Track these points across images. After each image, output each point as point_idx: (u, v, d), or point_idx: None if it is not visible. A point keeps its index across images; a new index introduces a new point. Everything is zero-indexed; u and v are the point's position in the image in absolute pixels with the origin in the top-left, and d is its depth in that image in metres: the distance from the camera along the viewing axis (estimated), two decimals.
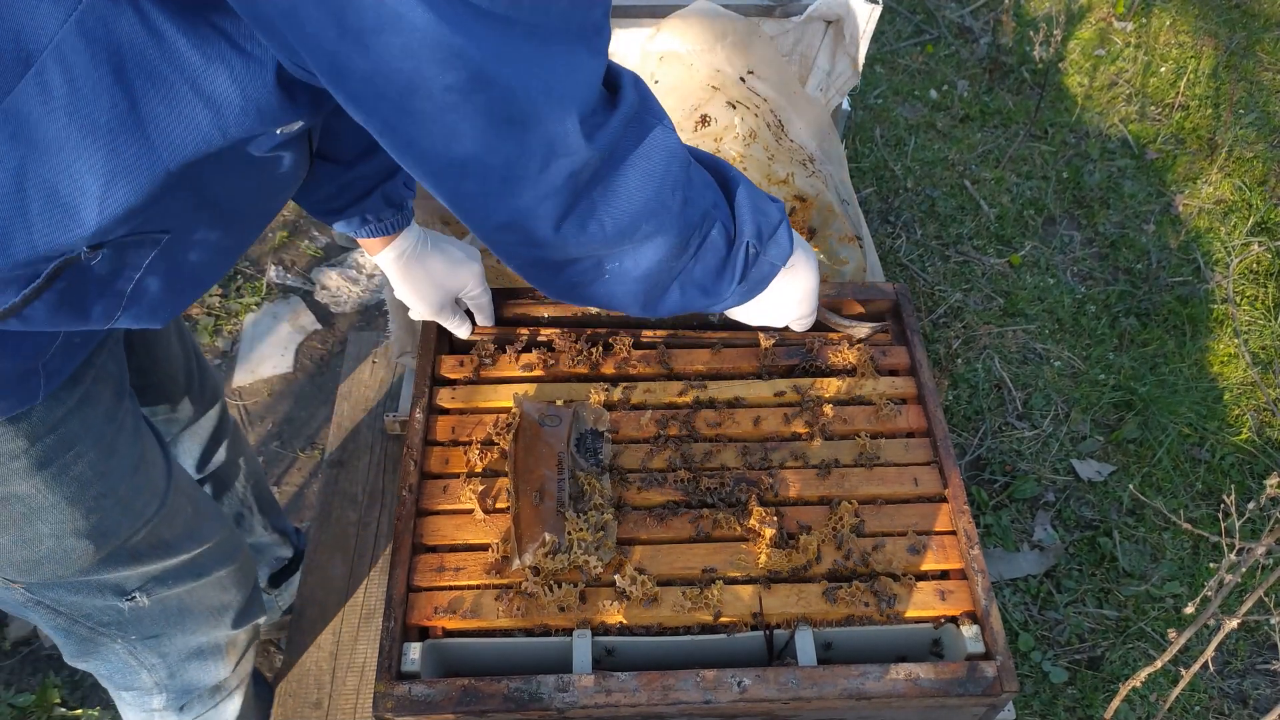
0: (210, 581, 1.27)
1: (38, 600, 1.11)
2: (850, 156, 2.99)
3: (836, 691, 1.11)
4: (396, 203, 1.25)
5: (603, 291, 0.95)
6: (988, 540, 2.16)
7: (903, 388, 1.43)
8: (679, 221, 0.92)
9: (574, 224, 0.83)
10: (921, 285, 2.67)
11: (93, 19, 0.69)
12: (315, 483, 2.20)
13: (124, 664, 1.26)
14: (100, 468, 1.03)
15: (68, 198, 0.76)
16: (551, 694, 1.10)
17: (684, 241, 0.95)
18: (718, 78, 1.52)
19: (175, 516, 1.17)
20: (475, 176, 0.77)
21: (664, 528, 1.27)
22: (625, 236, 0.88)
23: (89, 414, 1.01)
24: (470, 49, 0.67)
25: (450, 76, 0.68)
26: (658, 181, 0.87)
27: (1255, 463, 2.29)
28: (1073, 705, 1.93)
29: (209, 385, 1.51)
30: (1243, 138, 3.07)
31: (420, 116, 0.71)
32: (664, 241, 0.92)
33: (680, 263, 0.97)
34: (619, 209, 0.85)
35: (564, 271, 0.91)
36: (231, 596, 1.32)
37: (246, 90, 0.77)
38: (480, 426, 1.37)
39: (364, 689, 1.55)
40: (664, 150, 0.87)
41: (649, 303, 0.99)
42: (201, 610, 1.28)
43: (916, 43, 3.45)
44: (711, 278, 1.02)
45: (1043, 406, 2.40)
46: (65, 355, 0.95)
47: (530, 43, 0.70)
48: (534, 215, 0.81)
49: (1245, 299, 2.65)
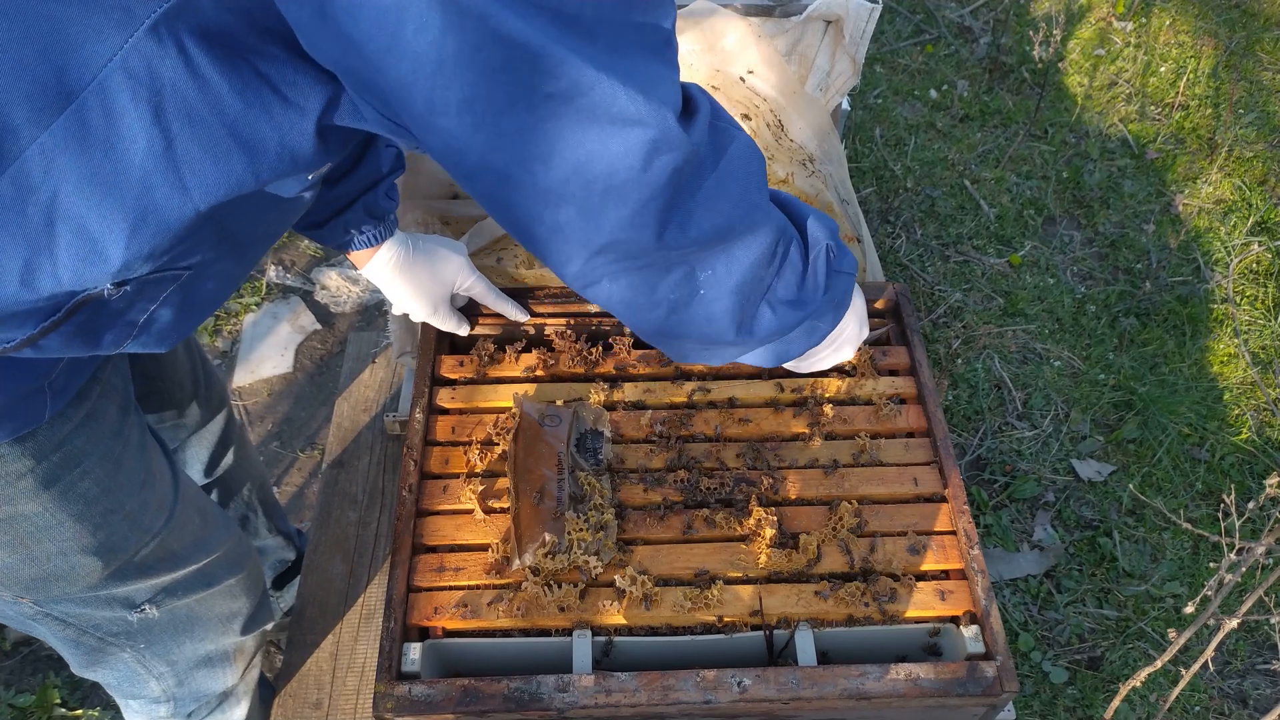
0: (220, 590, 1.26)
1: (46, 613, 1.11)
2: (850, 156, 2.99)
3: (836, 691, 1.11)
4: (379, 215, 1.24)
5: (701, 314, 0.92)
6: (988, 540, 2.16)
7: (903, 388, 1.43)
8: (768, 219, 0.91)
9: (676, 227, 0.81)
10: (921, 285, 2.67)
11: (137, 58, 0.70)
12: (315, 483, 2.20)
13: (132, 673, 1.26)
14: (107, 484, 1.03)
15: (96, 234, 0.76)
16: (551, 694, 1.10)
17: (773, 244, 0.93)
18: (718, 78, 1.52)
19: (183, 528, 1.17)
20: (574, 198, 0.76)
21: (664, 528, 1.27)
22: (721, 236, 0.86)
23: (95, 430, 1.01)
24: (565, 55, 0.68)
25: (551, 85, 0.69)
26: (743, 179, 0.86)
27: (1255, 463, 2.29)
28: (1073, 705, 1.93)
29: (215, 390, 1.51)
30: (1243, 137, 3.07)
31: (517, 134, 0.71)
32: (755, 241, 0.90)
33: (769, 272, 0.94)
34: (716, 208, 0.84)
35: (657, 290, 0.88)
36: (241, 604, 1.32)
37: (285, 138, 0.77)
38: (480, 426, 1.37)
39: (364, 689, 1.55)
40: (746, 149, 0.87)
41: (744, 322, 0.95)
42: (211, 618, 1.28)
43: (916, 43, 3.44)
44: (795, 290, 0.99)
45: (1043, 406, 2.40)
46: (71, 374, 0.95)
47: (618, 50, 0.71)
48: (637, 224, 0.79)
49: (1245, 299, 2.65)
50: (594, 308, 1.50)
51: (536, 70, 0.68)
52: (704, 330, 0.94)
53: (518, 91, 0.69)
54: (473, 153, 0.73)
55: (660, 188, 0.77)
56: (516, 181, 0.74)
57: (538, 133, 0.71)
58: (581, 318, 1.50)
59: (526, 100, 0.69)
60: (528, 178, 0.74)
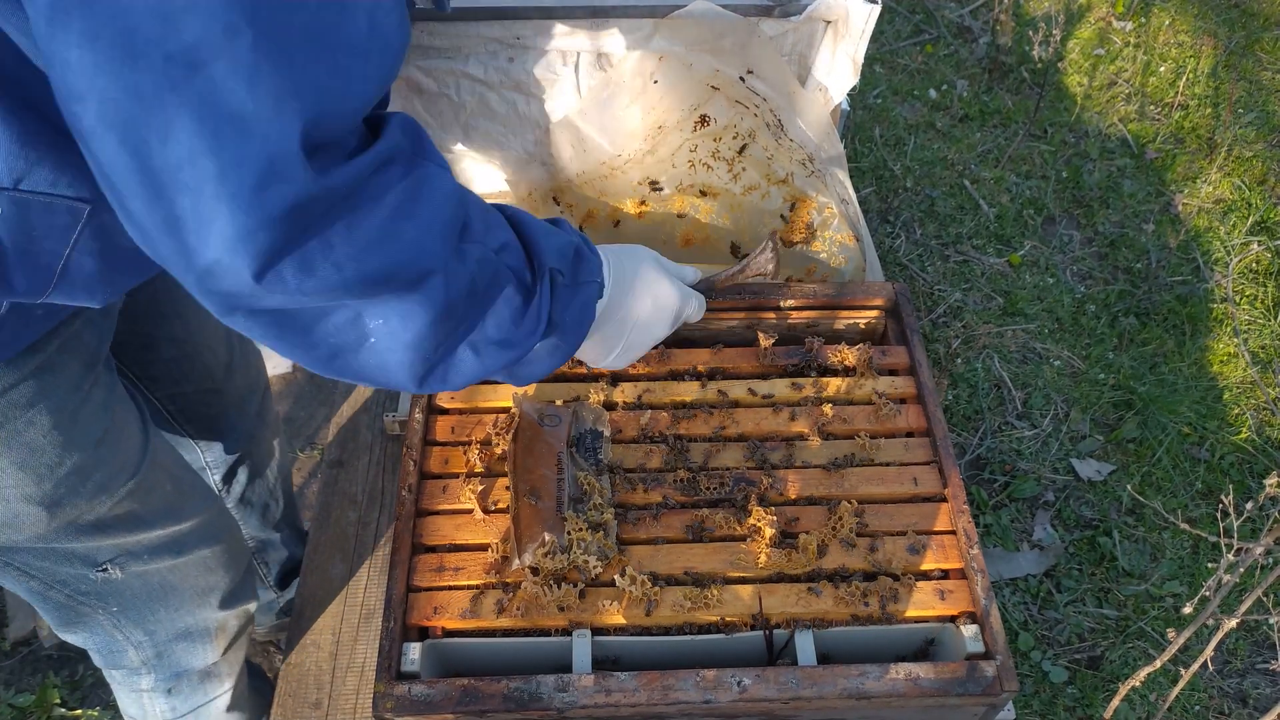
0: (193, 560, 1.26)
1: (6, 563, 1.12)
2: (850, 156, 2.98)
3: (836, 691, 1.11)
4: None
5: (373, 363, 0.83)
6: (987, 540, 2.16)
7: (902, 387, 1.43)
8: (453, 269, 0.83)
9: (295, 265, 0.70)
10: (921, 285, 2.67)
11: None
12: (315, 483, 2.20)
13: (109, 639, 1.27)
14: (57, 436, 1.02)
15: None
16: (551, 694, 1.10)
17: (463, 294, 0.85)
18: (717, 78, 1.52)
19: (150, 493, 1.16)
20: (190, 187, 0.65)
21: (664, 528, 1.27)
22: (378, 284, 0.77)
23: (48, 382, 1.00)
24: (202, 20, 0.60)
25: (172, 43, 0.60)
26: (423, 225, 0.79)
27: (1255, 462, 2.29)
28: (1073, 705, 1.93)
29: (253, 361, 1.51)
30: (1242, 137, 3.07)
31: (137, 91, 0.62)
32: (435, 294, 0.81)
33: (462, 324, 0.87)
34: (366, 251, 0.74)
35: (314, 332, 0.79)
36: (218, 578, 1.32)
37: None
38: (480, 426, 1.37)
39: (364, 689, 1.55)
40: (436, 193, 0.80)
41: (430, 373, 0.87)
42: (186, 589, 1.28)
43: (916, 42, 3.45)
44: (510, 327, 0.91)
45: (1042, 406, 2.40)
46: (19, 328, 0.93)
47: (263, 45, 0.63)
48: (243, 249, 0.67)
49: (1245, 298, 2.65)
50: None
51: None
52: (379, 378, 0.86)
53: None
54: (91, 100, 0.63)
55: (273, 219, 0.67)
56: (132, 148, 0.64)
57: (154, 99, 0.62)
58: None
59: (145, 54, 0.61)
60: (142, 149, 0.64)
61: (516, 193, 1.71)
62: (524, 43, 1.49)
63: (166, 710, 1.42)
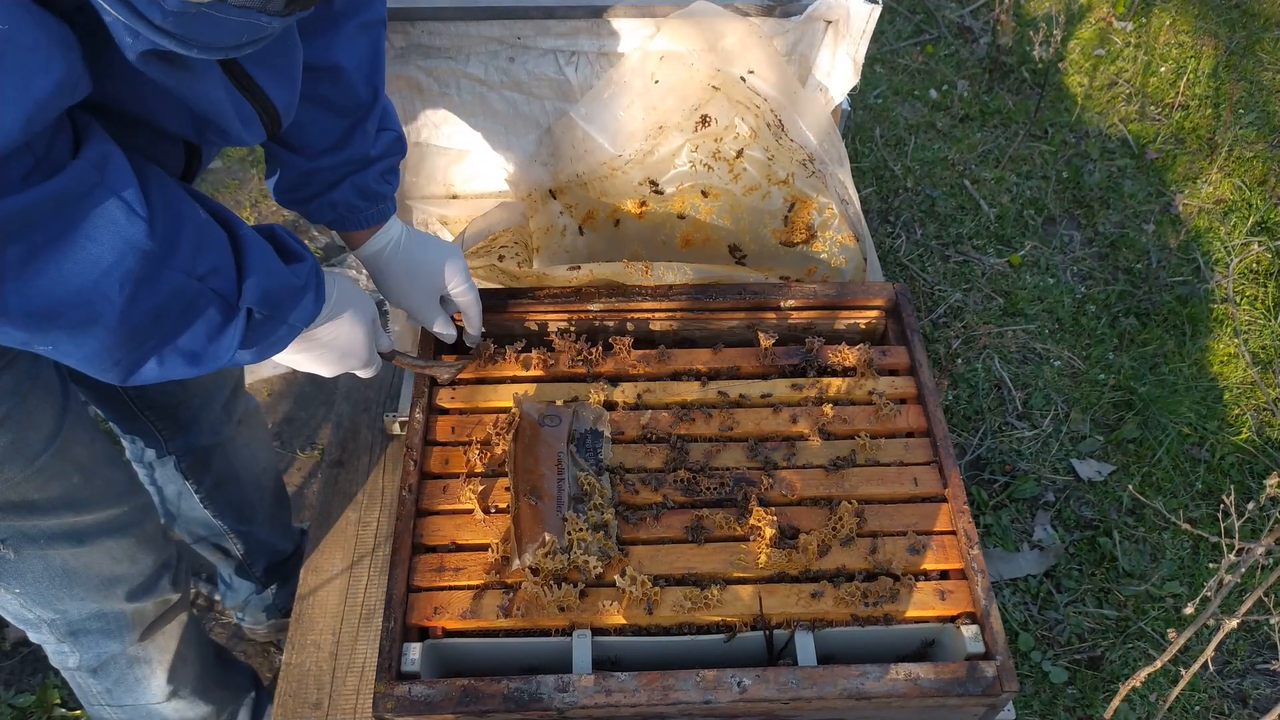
0: (95, 550, 1.26)
1: None
2: (850, 156, 2.97)
3: (836, 691, 1.11)
4: (371, 196, 1.23)
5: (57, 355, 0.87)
6: (988, 540, 2.16)
7: (903, 387, 1.43)
8: (123, 316, 0.85)
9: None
10: (921, 285, 2.67)
11: None
12: (315, 483, 2.20)
13: (20, 613, 1.28)
14: None
15: None
16: (551, 694, 1.10)
17: (135, 332, 0.87)
18: (718, 78, 1.52)
19: (49, 482, 1.16)
20: None
21: (664, 528, 1.27)
22: (42, 321, 0.80)
23: None
24: None
25: None
26: (99, 271, 0.80)
27: (1255, 462, 2.29)
28: (1073, 705, 1.93)
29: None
30: (1243, 137, 3.07)
31: None
32: (103, 334, 0.84)
33: (148, 343, 0.90)
34: (31, 288, 0.77)
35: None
36: (124, 569, 1.31)
37: None
38: (480, 426, 1.37)
39: (364, 689, 1.55)
40: (117, 239, 0.81)
41: (111, 370, 0.91)
42: (90, 577, 1.28)
43: (916, 43, 3.44)
44: (204, 342, 0.95)
45: (1042, 406, 2.40)
46: None
47: None
48: None
49: (1245, 299, 2.65)
50: (594, 306, 1.50)
51: None
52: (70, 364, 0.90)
53: None
54: None
55: None
56: None
57: None
58: (580, 312, 1.50)
59: None
60: None
61: (516, 193, 1.71)
62: (525, 42, 1.49)
63: (100, 691, 1.43)
